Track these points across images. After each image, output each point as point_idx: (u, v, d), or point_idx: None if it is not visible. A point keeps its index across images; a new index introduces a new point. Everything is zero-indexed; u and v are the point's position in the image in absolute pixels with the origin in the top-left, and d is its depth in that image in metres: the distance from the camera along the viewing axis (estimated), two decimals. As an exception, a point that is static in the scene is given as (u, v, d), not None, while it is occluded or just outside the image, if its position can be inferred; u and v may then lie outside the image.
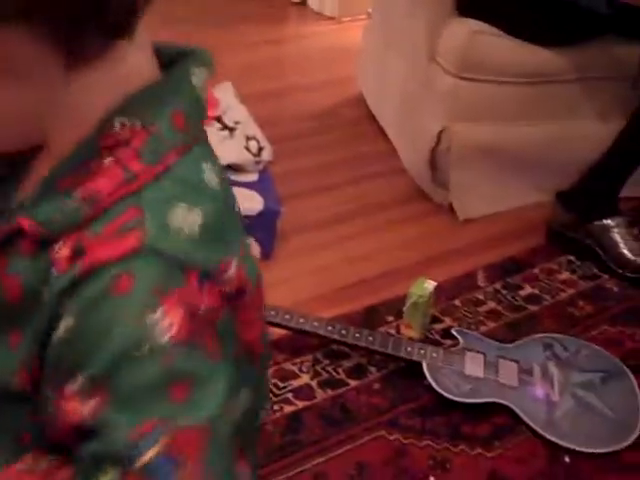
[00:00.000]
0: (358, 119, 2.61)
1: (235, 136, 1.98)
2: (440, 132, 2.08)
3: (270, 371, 1.57)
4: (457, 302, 1.81)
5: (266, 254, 1.89)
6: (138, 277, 0.57)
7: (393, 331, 1.71)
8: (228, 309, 0.61)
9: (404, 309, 1.68)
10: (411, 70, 2.24)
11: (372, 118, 2.57)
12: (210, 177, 0.64)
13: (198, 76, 0.65)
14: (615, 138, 1.95)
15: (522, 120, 2.07)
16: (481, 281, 1.88)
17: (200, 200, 0.61)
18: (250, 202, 1.86)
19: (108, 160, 0.59)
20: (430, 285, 1.69)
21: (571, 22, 1.96)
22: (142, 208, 0.59)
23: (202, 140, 0.66)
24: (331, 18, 3.44)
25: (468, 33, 1.99)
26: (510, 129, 2.08)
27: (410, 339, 1.65)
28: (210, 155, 0.67)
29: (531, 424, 1.48)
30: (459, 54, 2.00)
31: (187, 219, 0.60)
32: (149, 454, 0.54)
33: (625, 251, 1.90)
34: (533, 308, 1.80)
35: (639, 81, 2.00)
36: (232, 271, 0.62)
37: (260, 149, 1.99)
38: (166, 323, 0.56)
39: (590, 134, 2.06)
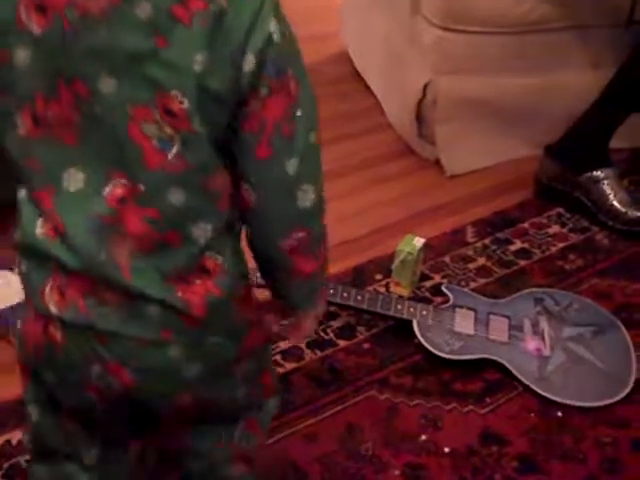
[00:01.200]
0: (342, 76, 2.55)
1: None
2: (426, 85, 2.04)
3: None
4: (446, 259, 1.79)
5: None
6: None
7: (382, 289, 1.68)
8: None
9: (393, 267, 1.66)
10: (395, 24, 2.19)
11: (357, 74, 2.52)
12: None
13: None
14: (603, 88, 1.91)
15: (510, 72, 2.03)
16: (470, 237, 1.86)
17: None
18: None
19: None
20: (419, 242, 1.66)
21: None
22: None
23: None
24: (313, -26, 3.36)
25: (452, -17, 1.95)
26: (497, 81, 2.04)
27: (400, 297, 1.63)
28: None
29: (523, 379, 1.46)
30: (443, 5, 1.95)
31: None
32: None
33: (615, 203, 1.88)
34: (523, 263, 1.78)
35: (631, 21, 1.95)
36: None
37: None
38: None
39: (581, 84, 2.02)
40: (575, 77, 2.04)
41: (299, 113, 0.83)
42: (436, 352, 1.49)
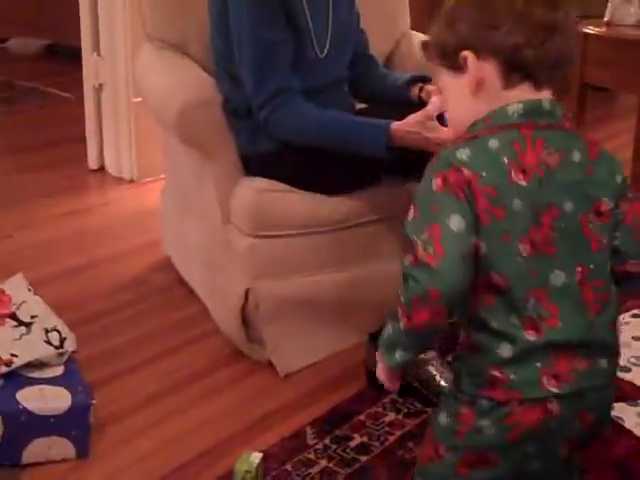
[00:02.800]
0: (168, 284, 2.56)
1: (33, 331, 1.88)
2: (246, 291, 2.07)
3: None
4: (288, 466, 1.75)
5: (82, 452, 1.77)
6: None
7: (226, 511, 1.62)
8: None
9: None
10: (209, 232, 2.23)
11: (182, 281, 2.53)
12: None
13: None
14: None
15: (325, 268, 2.10)
16: (310, 438, 1.84)
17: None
18: (57, 400, 1.76)
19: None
20: (256, 457, 1.63)
21: (354, 169, 2.03)
22: None
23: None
24: (131, 181, 3.42)
25: (255, 192, 2.02)
26: (314, 278, 2.09)
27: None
28: None
29: None
30: (250, 214, 2.02)
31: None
32: None
33: (442, 382, 1.92)
34: (364, 459, 1.77)
35: None
36: None
37: (62, 340, 1.90)
38: None
39: (393, 271, 2.09)
40: (386, 265, 2.11)
41: None
42: None
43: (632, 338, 2.21)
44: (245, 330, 2.12)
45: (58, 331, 1.91)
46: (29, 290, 1.99)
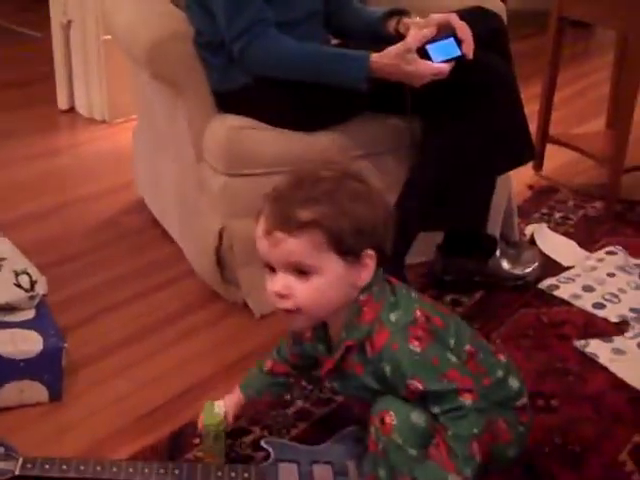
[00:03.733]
0: (141, 226, 2.52)
1: (2, 274, 1.84)
2: (220, 231, 2.03)
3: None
4: (264, 407, 1.74)
5: (55, 395, 1.75)
6: None
7: (201, 454, 1.61)
8: None
9: (204, 447, 1.56)
10: (182, 172, 2.19)
11: (156, 223, 2.49)
12: None
13: None
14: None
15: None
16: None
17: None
18: (28, 343, 1.73)
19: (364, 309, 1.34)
20: (220, 407, 1.57)
21: (331, 104, 1.98)
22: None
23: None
24: (103, 122, 3.34)
25: (228, 129, 1.97)
26: (290, 218, 2.05)
27: (219, 464, 1.55)
28: None
29: (354, 529, 1.42)
30: (223, 152, 1.97)
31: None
32: None
33: None
34: (340, 398, 1.76)
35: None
36: None
37: (33, 283, 1.86)
38: None
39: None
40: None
41: None
42: (263, 517, 1.43)
43: (607, 275, 2.21)
44: (220, 271, 2.09)
45: (28, 274, 1.86)
46: (-4, 232, 1.94)
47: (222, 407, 1.57)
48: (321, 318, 1.39)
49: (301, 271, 1.30)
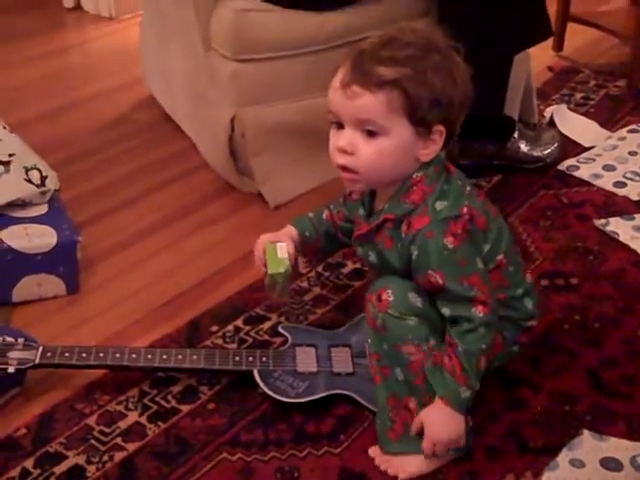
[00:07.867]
0: (153, 121, 2.48)
1: (12, 169, 1.82)
2: (232, 120, 1.99)
3: (94, 417, 1.45)
4: (282, 295, 1.73)
5: (72, 289, 1.76)
6: None
7: (220, 342, 1.61)
8: None
9: (273, 289, 1.47)
10: (192, 61, 2.13)
11: (167, 118, 2.45)
12: None
13: None
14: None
15: (312, 92, 2.00)
16: (302, 267, 1.81)
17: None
18: (42, 237, 1.72)
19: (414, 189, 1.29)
20: (282, 250, 1.46)
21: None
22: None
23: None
24: (110, 18, 3.27)
25: (234, 13, 1.91)
26: (301, 104, 2.01)
27: (237, 348, 1.56)
28: None
29: (372, 407, 1.42)
30: (231, 36, 1.91)
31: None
32: None
33: None
34: (357, 284, 1.75)
35: None
36: None
37: (43, 178, 1.84)
38: None
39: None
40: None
41: None
42: (281, 398, 1.44)
43: (629, 153, 2.15)
44: (233, 162, 2.06)
45: (38, 169, 1.84)
46: (4, 128, 1.91)
47: (284, 249, 1.48)
48: (375, 184, 1.33)
49: (369, 131, 1.24)
